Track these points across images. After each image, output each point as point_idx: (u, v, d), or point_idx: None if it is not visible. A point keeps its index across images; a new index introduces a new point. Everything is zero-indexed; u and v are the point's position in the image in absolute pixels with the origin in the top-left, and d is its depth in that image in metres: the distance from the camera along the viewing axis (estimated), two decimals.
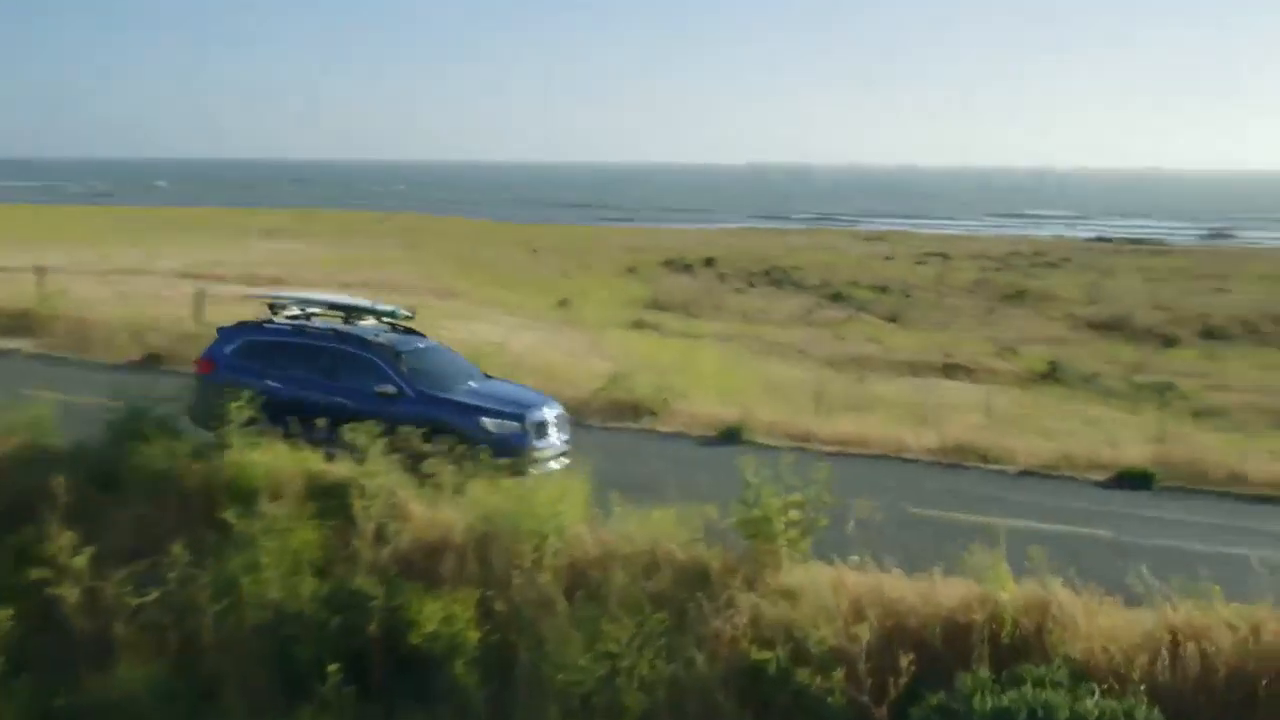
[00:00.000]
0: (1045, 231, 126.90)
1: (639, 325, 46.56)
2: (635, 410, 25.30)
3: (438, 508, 16.55)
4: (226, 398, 18.37)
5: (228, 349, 20.73)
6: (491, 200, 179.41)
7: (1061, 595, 14.35)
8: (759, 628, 14.34)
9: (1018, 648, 13.91)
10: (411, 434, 17.94)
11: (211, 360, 20.69)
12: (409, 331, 21.53)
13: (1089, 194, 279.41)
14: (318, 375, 20.08)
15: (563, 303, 50.03)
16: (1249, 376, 52.25)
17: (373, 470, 16.77)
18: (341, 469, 17.26)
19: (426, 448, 17.70)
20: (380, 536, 16.01)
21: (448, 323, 36.21)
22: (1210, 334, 64.83)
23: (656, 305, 54.54)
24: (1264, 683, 13.07)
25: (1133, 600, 14.40)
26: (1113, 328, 63.81)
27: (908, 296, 64.28)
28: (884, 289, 65.77)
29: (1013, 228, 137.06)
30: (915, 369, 44.41)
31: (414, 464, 17.47)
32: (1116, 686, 12.99)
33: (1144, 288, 75.37)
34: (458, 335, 34.52)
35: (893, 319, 58.44)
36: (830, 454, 22.44)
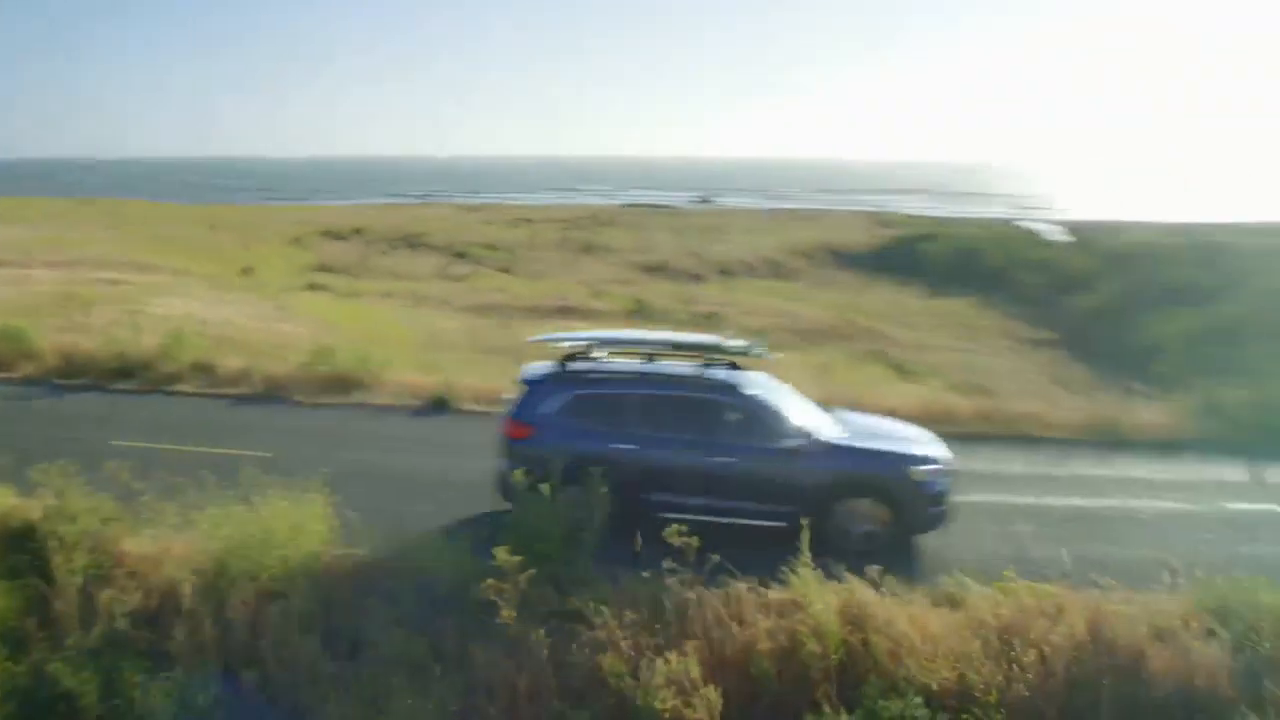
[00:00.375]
0: (590, 200, 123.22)
1: (312, 287, 39.20)
2: (344, 384, 18.42)
3: (162, 557, 9.80)
4: (557, 467, 10.83)
5: (549, 407, 11.99)
6: (179, 187, 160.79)
7: (869, 596, 9.41)
8: (564, 674, 8.75)
9: (849, 668, 8.88)
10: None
11: (528, 422, 11.97)
12: (732, 366, 12.57)
13: (613, 171, 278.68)
14: (688, 433, 11.68)
15: (246, 271, 41.70)
16: (761, 303, 50.29)
17: (72, 508, 9.82)
18: (34, 508, 10.14)
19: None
20: (89, 601, 9.18)
21: (153, 299, 28.44)
22: (724, 272, 63.43)
23: (323, 269, 46.91)
24: (1105, 682, 8.51)
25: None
26: (659, 270, 61.03)
27: (512, 253, 58.50)
28: (494, 247, 59.78)
29: (568, 198, 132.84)
30: (539, 313, 38.90)
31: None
32: (979, 713, 8.33)
33: (672, 240, 73.12)
34: (171, 312, 26.73)
35: (506, 270, 52.90)
36: None
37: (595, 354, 12.62)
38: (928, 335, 46.85)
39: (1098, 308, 49.34)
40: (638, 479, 11.43)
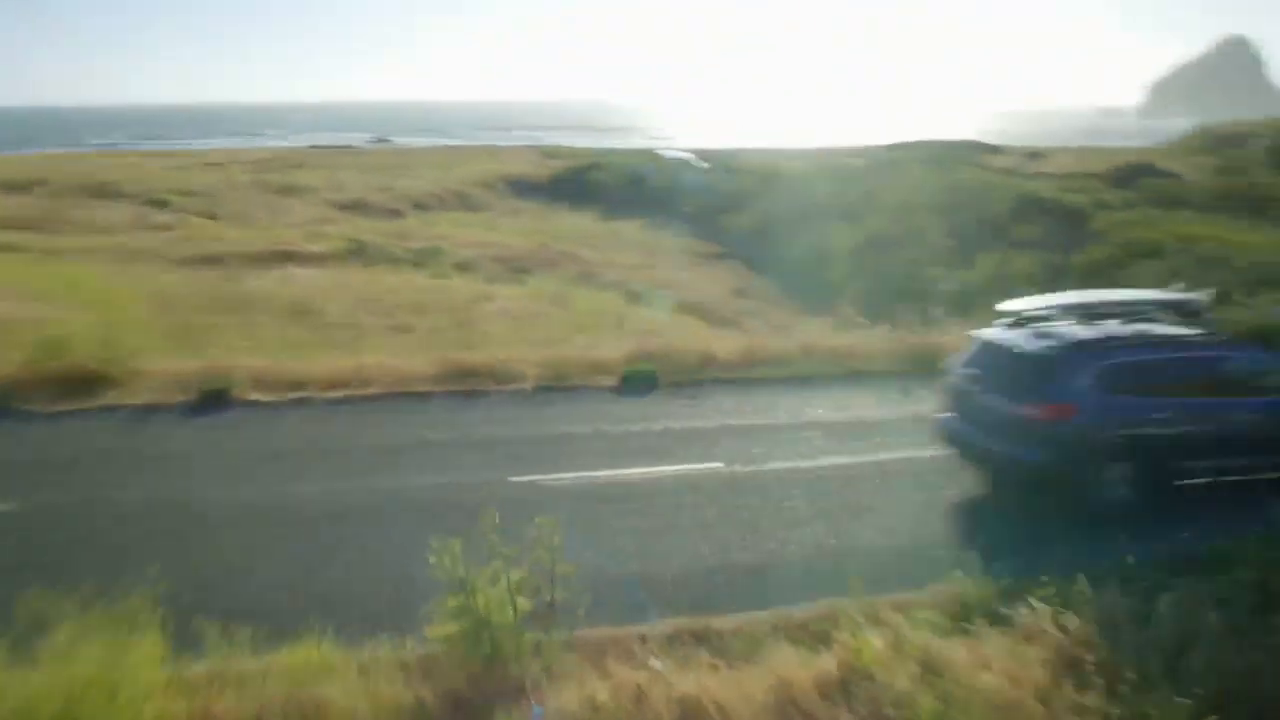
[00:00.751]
0: (270, 144, 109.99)
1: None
2: (88, 381, 12.74)
3: None
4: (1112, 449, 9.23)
5: (1083, 382, 9.33)
6: None
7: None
8: None
9: None
10: None
11: (1069, 400, 9.24)
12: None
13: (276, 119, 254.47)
14: (1217, 394, 9.76)
15: None
16: (464, 234, 45.81)
17: None
18: None
19: None
20: None
21: None
22: (418, 206, 57.91)
23: (5, 226, 36.78)
24: None
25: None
26: (357, 207, 54.47)
27: (212, 198, 49.80)
28: (191, 193, 50.57)
29: (248, 143, 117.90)
30: (261, 260, 32.36)
31: None
32: None
33: (362, 178, 66.11)
34: None
35: (211, 217, 44.61)
36: (336, 401, 12.19)
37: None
38: (617, 256, 44.51)
39: (755, 224, 48.76)
40: (1182, 447, 9.58)
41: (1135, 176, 49.20)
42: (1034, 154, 69.07)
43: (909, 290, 29.39)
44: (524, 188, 67.16)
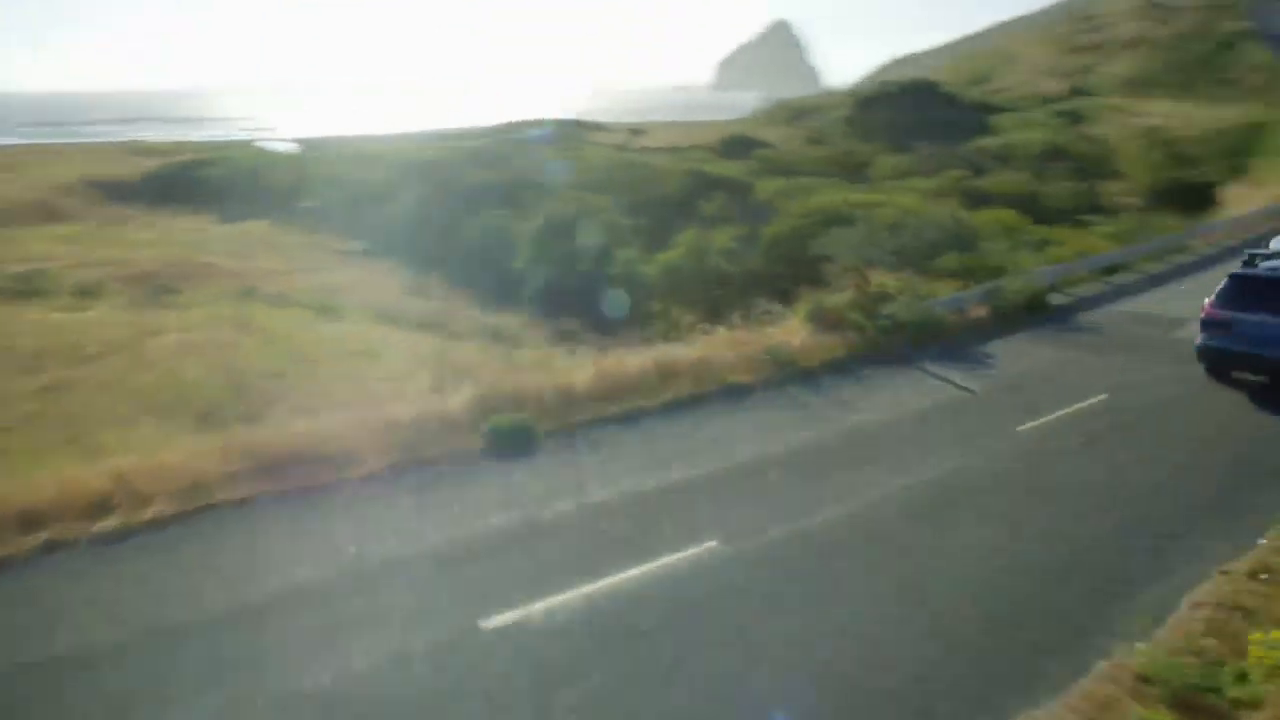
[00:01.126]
0: None
1: None
2: None
3: None
4: None
5: None
6: None
7: None
8: None
9: None
10: None
11: None
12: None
13: None
14: None
15: None
16: (62, 252, 37.82)
17: None
18: None
19: None
20: None
21: None
22: None
23: None
24: None
25: None
26: None
27: None
28: None
29: None
30: None
31: None
32: None
33: None
34: None
35: None
36: (112, 539, 8.12)
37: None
38: (260, 262, 38.95)
39: (397, 215, 45.06)
40: None
41: (743, 148, 52.07)
42: (636, 130, 71.14)
43: (608, 276, 28.07)
44: (117, 191, 57.22)
